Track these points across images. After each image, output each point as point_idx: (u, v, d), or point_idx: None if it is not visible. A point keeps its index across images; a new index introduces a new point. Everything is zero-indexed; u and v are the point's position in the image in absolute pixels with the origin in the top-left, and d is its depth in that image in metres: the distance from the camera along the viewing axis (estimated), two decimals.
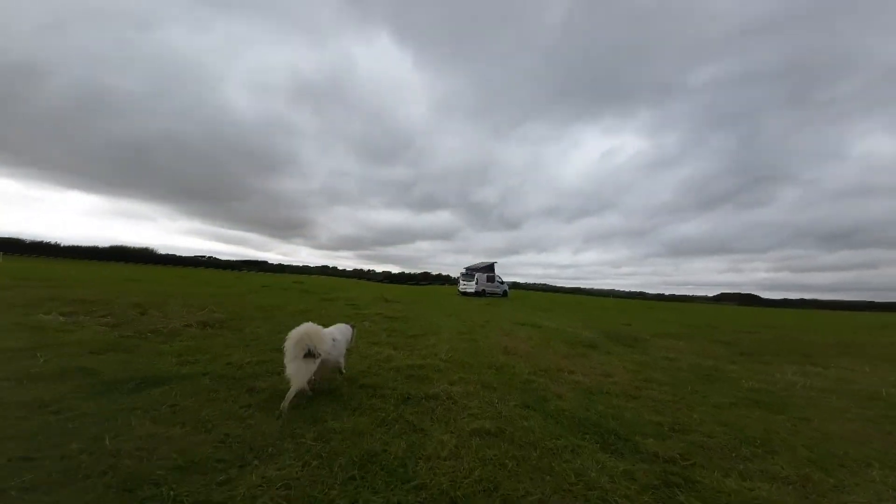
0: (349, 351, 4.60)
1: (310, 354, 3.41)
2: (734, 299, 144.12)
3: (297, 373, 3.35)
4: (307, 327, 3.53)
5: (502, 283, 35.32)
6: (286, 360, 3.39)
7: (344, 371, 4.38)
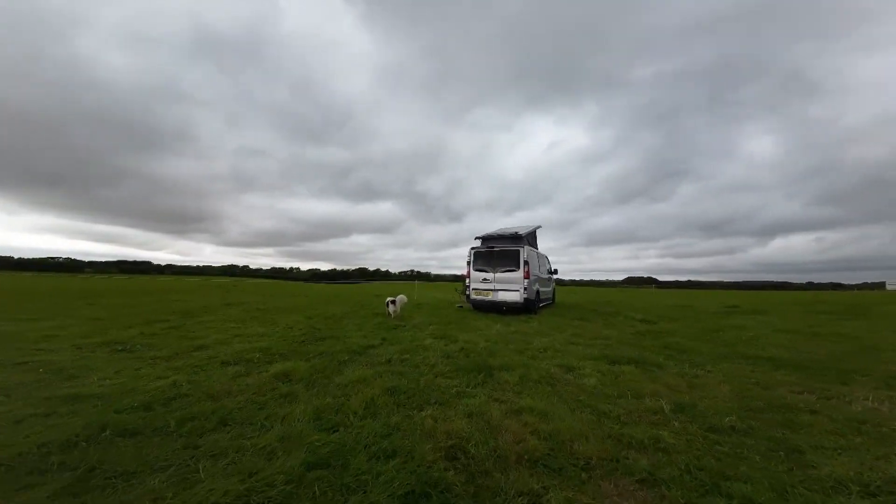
0: (403, 309, 9.93)
1: (393, 304, 9.38)
2: (639, 282, 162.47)
3: (394, 310, 9.23)
4: (402, 296, 9.97)
5: (553, 271, 16.17)
6: (393, 304, 9.29)
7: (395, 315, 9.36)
